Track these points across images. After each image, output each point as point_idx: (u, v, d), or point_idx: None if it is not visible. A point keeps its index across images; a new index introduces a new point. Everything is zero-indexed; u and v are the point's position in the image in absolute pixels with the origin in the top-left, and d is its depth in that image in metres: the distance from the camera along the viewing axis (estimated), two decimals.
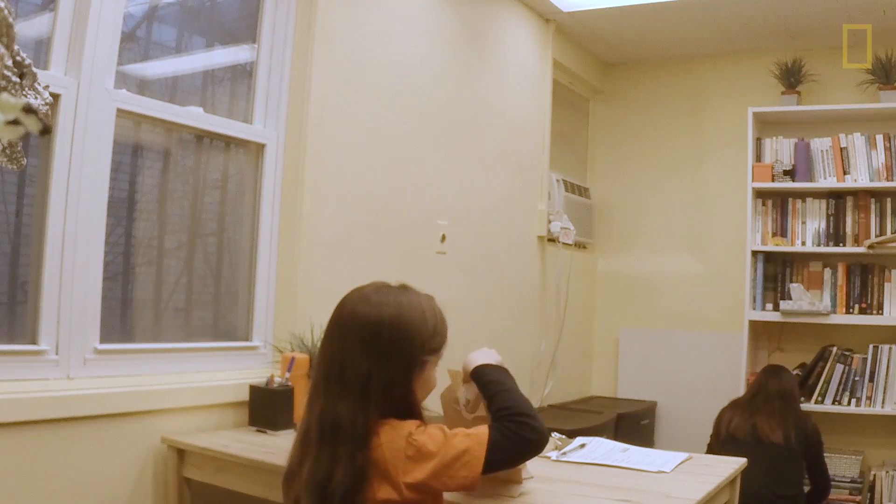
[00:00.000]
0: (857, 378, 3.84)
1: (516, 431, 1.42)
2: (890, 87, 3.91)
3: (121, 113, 2.24)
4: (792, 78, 4.17)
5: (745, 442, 3.11)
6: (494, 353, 1.65)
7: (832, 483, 3.74)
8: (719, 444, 3.25)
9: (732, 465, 2.03)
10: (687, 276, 4.57)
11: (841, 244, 3.97)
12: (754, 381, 3.44)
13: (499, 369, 1.58)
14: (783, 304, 3.95)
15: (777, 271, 4.10)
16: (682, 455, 2.04)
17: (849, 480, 3.84)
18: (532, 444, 1.43)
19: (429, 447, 1.37)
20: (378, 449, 1.37)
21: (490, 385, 1.53)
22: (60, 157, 2.09)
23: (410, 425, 1.40)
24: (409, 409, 1.47)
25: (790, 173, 4.05)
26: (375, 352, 1.40)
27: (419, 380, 1.47)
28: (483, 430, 1.41)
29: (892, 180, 3.87)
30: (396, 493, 1.36)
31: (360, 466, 1.36)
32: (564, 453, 2.07)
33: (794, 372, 3.88)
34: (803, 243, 4.05)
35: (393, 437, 1.38)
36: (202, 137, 2.60)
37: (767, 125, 4.28)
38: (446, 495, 1.52)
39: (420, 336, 1.44)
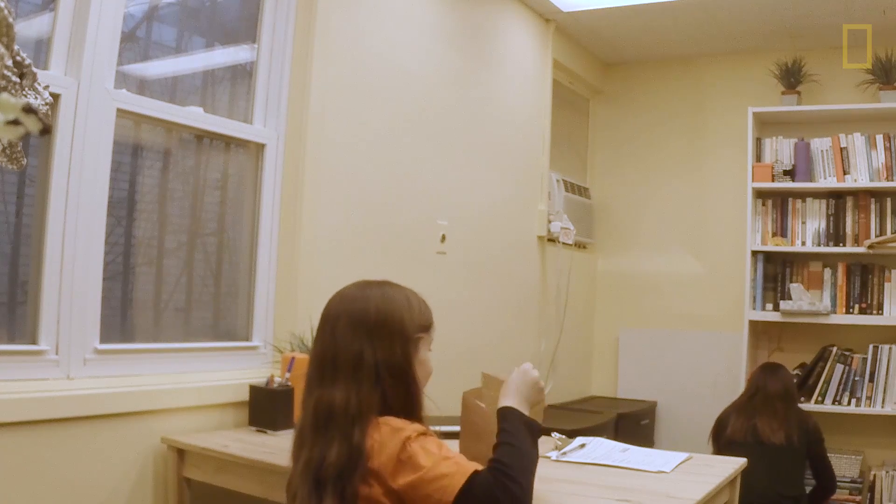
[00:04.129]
0: (857, 378, 3.84)
1: (495, 486, 1.34)
2: (890, 87, 3.91)
3: (121, 113, 2.24)
4: (792, 78, 4.17)
5: (746, 444, 3.11)
6: (533, 382, 1.56)
7: None
8: (721, 448, 3.25)
9: (732, 465, 2.03)
10: (687, 276, 4.57)
11: (841, 244, 3.97)
12: (751, 380, 3.44)
13: (520, 419, 1.50)
14: (783, 304, 3.95)
15: (777, 271, 4.10)
16: (682, 455, 2.04)
17: (849, 480, 3.84)
18: (514, 496, 1.35)
19: (420, 460, 1.35)
20: (373, 445, 1.37)
21: (503, 433, 1.47)
22: (60, 157, 2.09)
23: (411, 430, 1.38)
24: (410, 395, 1.46)
25: (790, 173, 4.05)
26: (365, 332, 1.43)
27: (416, 359, 1.48)
28: (472, 466, 1.37)
29: (892, 180, 3.87)
30: (382, 489, 1.35)
31: (357, 445, 1.36)
32: (564, 453, 2.07)
33: (794, 372, 3.88)
34: (803, 243, 4.05)
35: (391, 438, 1.37)
36: (202, 137, 2.60)
37: (767, 125, 4.28)
38: None
39: (408, 314, 1.48)
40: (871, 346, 3.84)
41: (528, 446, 1.44)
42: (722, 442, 3.26)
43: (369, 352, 1.42)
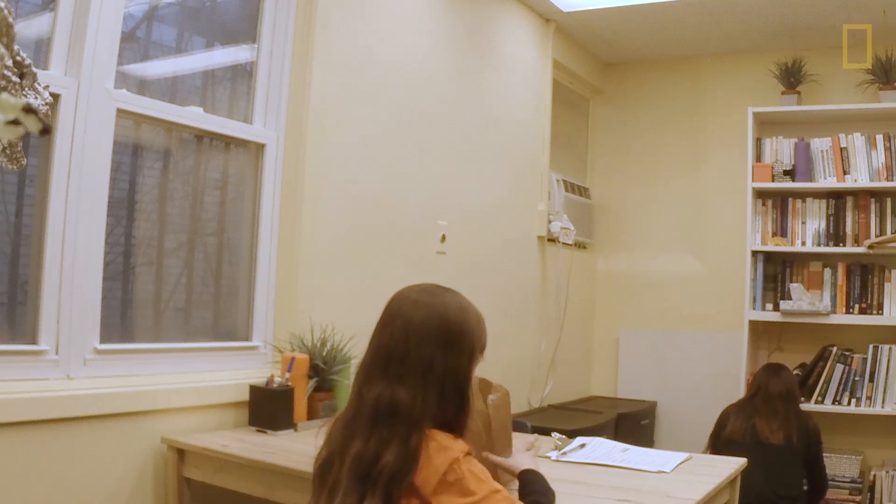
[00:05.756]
0: (857, 378, 3.84)
1: None
2: (890, 87, 3.91)
3: (121, 113, 2.24)
4: (792, 78, 4.17)
5: (745, 443, 3.11)
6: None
7: (832, 483, 3.76)
8: (719, 447, 3.24)
9: (732, 465, 2.03)
10: (687, 276, 4.57)
11: (841, 244, 3.97)
12: (753, 380, 3.44)
13: (546, 483, 1.60)
14: (783, 304, 3.94)
15: (777, 271, 4.10)
16: (682, 455, 2.04)
17: (849, 480, 3.84)
18: None
19: (471, 485, 1.36)
20: (420, 459, 1.36)
21: (534, 493, 1.56)
22: (60, 157, 2.09)
23: (458, 450, 1.39)
24: (462, 410, 1.46)
25: (790, 173, 4.05)
26: (441, 342, 1.44)
27: (472, 376, 1.50)
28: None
29: (892, 180, 3.87)
30: (419, 503, 1.35)
31: (413, 448, 1.35)
32: (564, 453, 2.07)
33: (794, 372, 3.88)
34: (803, 243, 4.05)
35: (438, 455, 1.37)
36: (202, 137, 2.60)
37: (767, 125, 4.28)
38: None
39: (477, 332, 1.51)
40: (871, 346, 3.84)
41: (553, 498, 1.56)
42: (721, 441, 3.26)
43: (440, 360, 1.43)
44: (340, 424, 1.46)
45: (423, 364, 1.42)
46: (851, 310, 3.92)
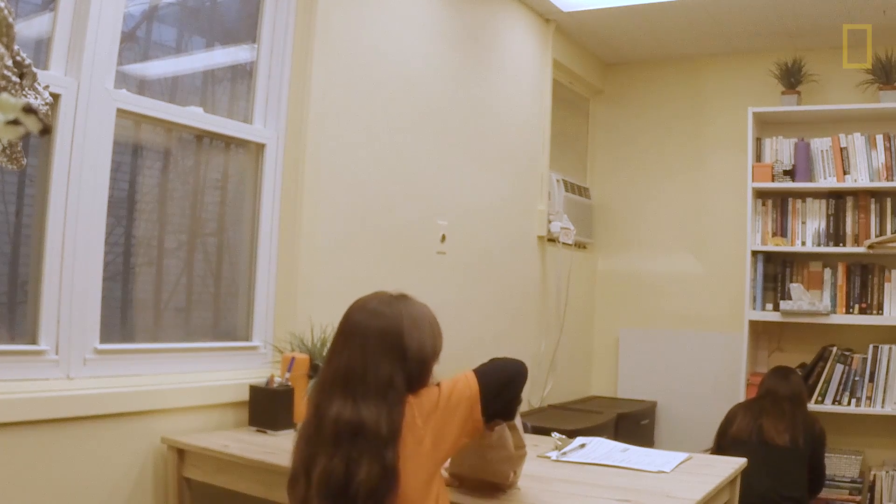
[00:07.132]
0: (857, 378, 3.84)
1: (495, 359, 1.64)
2: (890, 87, 3.91)
3: (121, 113, 2.24)
4: (792, 78, 4.17)
5: (751, 443, 3.11)
6: None
7: (832, 483, 3.77)
8: (724, 445, 3.24)
9: (732, 465, 2.03)
10: (687, 276, 4.57)
11: (841, 244, 3.97)
12: (761, 383, 3.44)
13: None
14: (783, 304, 3.94)
15: (777, 271, 4.10)
16: (682, 455, 2.05)
17: (849, 480, 3.84)
18: (513, 362, 1.62)
19: (432, 398, 1.49)
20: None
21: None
22: (60, 157, 2.09)
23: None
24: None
25: (790, 173, 4.05)
26: (399, 357, 1.48)
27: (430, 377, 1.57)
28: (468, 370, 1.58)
29: (892, 180, 3.87)
30: (419, 430, 1.44)
31: (391, 465, 1.39)
32: (564, 453, 2.07)
33: None
34: (803, 243, 4.05)
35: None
36: (202, 137, 2.60)
37: (767, 125, 4.28)
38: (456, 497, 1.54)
39: (433, 340, 1.56)
40: (871, 346, 3.84)
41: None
42: (726, 439, 3.26)
43: (399, 376, 1.47)
44: (303, 440, 1.49)
45: (384, 382, 1.46)
46: (851, 310, 3.92)
